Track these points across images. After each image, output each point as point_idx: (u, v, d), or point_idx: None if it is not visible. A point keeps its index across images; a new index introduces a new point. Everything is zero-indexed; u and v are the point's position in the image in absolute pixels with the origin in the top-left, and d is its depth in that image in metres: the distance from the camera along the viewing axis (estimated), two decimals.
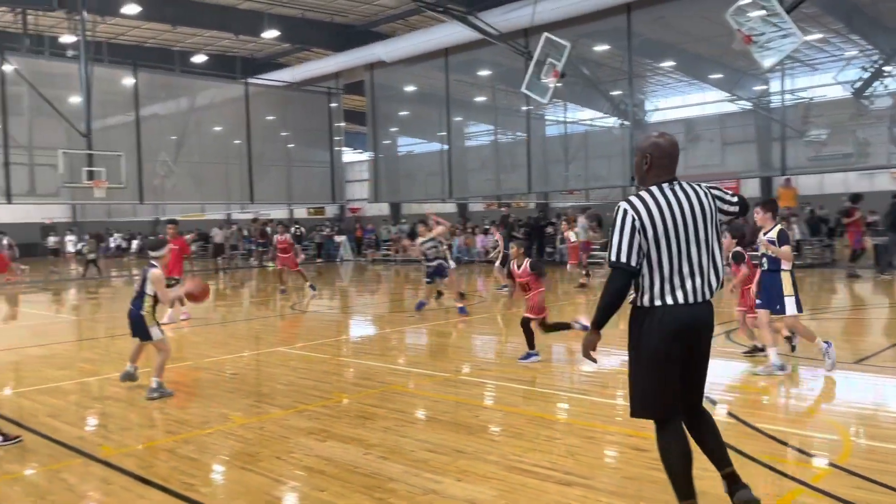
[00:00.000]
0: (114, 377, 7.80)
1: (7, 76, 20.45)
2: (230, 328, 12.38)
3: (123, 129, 23.52)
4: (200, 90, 26.33)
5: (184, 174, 24.66)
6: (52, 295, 20.17)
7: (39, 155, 20.67)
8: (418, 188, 28.76)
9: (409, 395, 6.87)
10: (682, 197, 3.48)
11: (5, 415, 6.39)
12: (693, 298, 3.46)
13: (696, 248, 3.47)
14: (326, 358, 8.88)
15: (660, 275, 3.44)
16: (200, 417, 6.13)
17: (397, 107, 28.66)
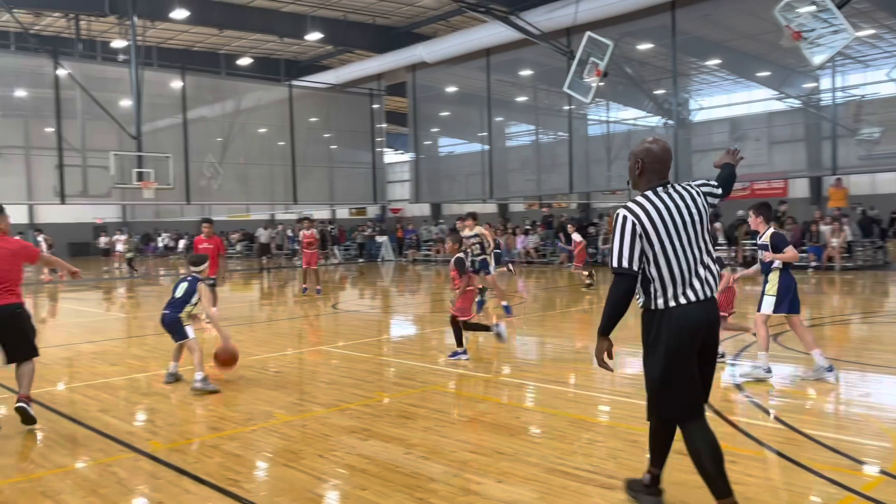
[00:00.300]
0: (161, 374, 7.98)
1: (61, 80, 21.08)
2: (274, 327, 12.56)
3: (171, 132, 24.07)
4: (246, 92, 26.80)
5: (229, 175, 25.11)
6: (102, 293, 20.71)
7: (92, 157, 21.26)
8: (459, 188, 28.76)
9: (449, 395, 6.87)
10: (677, 199, 3.58)
11: (59, 409, 6.59)
12: (703, 296, 3.55)
13: (697, 247, 3.57)
14: (367, 357, 8.94)
15: (670, 277, 3.52)
16: (245, 414, 6.23)
17: (439, 107, 28.73)
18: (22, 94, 22.12)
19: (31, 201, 26.20)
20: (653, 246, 3.51)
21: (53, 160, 20.95)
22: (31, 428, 6.02)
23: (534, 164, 25.06)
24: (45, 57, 21.05)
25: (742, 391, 6.62)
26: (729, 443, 5.12)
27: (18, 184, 22.04)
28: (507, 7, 21.21)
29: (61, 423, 6.15)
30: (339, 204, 33.68)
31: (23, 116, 23.19)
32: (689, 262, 3.54)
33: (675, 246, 3.52)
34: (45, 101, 21.37)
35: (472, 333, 9.56)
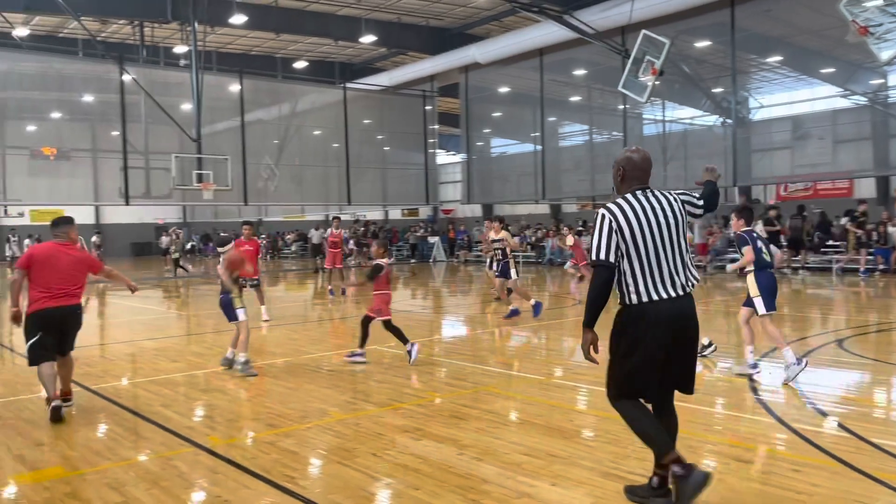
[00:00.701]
0: (219, 371, 8.17)
1: (126, 86, 21.80)
2: (327, 325, 12.72)
3: (229, 134, 24.67)
4: (301, 95, 27.26)
5: (285, 176, 25.58)
6: (162, 292, 21.32)
7: (154, 159, 21.94)
8: (511, 189, 28.68)
9: (502, 396, 6.84)
10: (654, 202, 3.87)
11: (123, 403, 6.81)
12: (675, 293, 3.80)
13: (671, 247, 3.83)
14: (419, 357, 8.97)
15: (641, 273, 3.79)
16: (300, 412, 6.32)
17: (491, 108, 28.71)
18: (89, 99, 22.96)
19: (97, 202, 27.20)
20: (626, 242, 3.79)
21: (118, 163, 21.68)
22: (96, 421, 6.24)
23: (587, 164, 24.82)
24: (111, 63, 21.78)
25: (805, 397, 6.41)
26: (792, 450, 4.97)
27: (85, 185, 22.92)
28: (561, 6, 21.05)
29: (125, 417, 6.35)
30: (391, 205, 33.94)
31: (89, 121, 24.10)
32: (660, 260, 3.80)
33: (647, 244, 3.79)
34: (111, 105, 22.15)
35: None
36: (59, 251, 6.49)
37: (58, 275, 6.38)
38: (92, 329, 13.10)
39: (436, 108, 29.87)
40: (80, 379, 7.92)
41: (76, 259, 6.54)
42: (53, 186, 22.39)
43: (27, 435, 5.87)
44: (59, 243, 6.57)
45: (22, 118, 22.77)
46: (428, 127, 29.05)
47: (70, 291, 6.45)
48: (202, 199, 22.02)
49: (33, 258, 6.44)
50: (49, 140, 22.30)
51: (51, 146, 22.02)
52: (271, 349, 10.01)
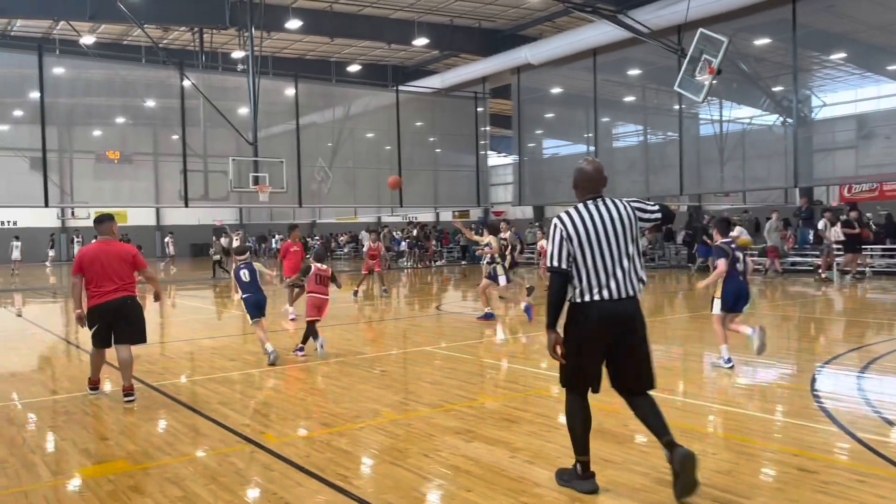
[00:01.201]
0: (275, 370, 8.33)
1: (186, 91, 22.40)
2: (379, 327, 12.84)
3: (284, 137, 25.09)
4: (354, 98, 27.56)
5: (338, 179, 25.89)
6: (219, 292, 21.81)
7: (212, 162, 22.48)
8: (563, 190, 28.39)
9: (553, 399, 6.78)
10: (602, 210, 4.21)
11: (182, 400, 7.00)
12: (616, 295, 4.11)
13: (618, 252, 4.14)
14: (471, 359, 8.97)
15: (587, 275, 4.13)
16: (353, 412, 6.39)
17: (543, 109, 28.54)
18: (151, 104, 23.67)
19: (158, 204, 28.02)
20: (575, 248, 4.15)
21: (178, 165, 22.28)
22: (156, 417, 6.43)
23: (642, 165, 24.45)
24: (172, 69, 22.42)
25: (871, 406, 6.18)
26: (856, 460, 4.80)
27: (147, 188, 23.62)
28: (615, 6, 20.79)
29: (185, 414, 6.52)
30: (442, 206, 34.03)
31: (151, 125, 24.84)
32: (605, 264, 4.13)
33: (593, 249, 4.13)
34: (172, 110, 22.78)
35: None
36: (102, 250, 6.93)
37: (105, 272, 6.84)
38: (153, 327, 13.49)
39: (487, 109, 29.84)
40: (142, 376, 8.17)
41: (114, 254, 6.93)
42: (117, 189, 23.14)
43: (93, 429, 6.08)
44: (102, 242, 7.03)
45: (88, 123, 23.57)
46: (480, 128, 29.03)
47: (119, 286, 6.88)
48: (258, 201, 22.45)
49: (83, 262, 6.93)
50: (113, 144, 23.05)
51: (115, 150, 22.77)
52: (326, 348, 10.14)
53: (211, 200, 23.25)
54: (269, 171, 22.29)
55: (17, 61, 20.92)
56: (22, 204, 22.29)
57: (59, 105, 21.59)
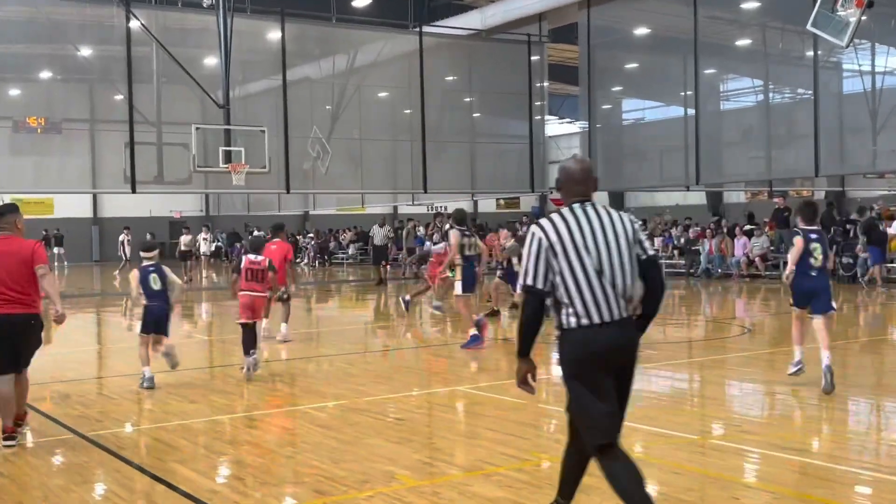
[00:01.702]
0: (252, 416, 8.39)
1: (133, 34, 22.62)
2: (395, 358, 12.86)
3: (266, 98, 25.30)
4: (362, 44, 27.63)
5: (340, 155, 25.96)
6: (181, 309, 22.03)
7: (169, 132, 22.71)
8: (650, 170, 28.26)
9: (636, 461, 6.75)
10: (593, 218, 4.54)
11: (127, 456, 7.10)
12: (609, 317, 4.46)
13: (610, 266, 4.47)
14: (521, 404, 8.94)
15: (578, 295, 4.45)
16: (358, 474, 6.42)
17: (623, 57, 28.37)
18: (86, 53, 24.02)
19: (96, 189, 28.43)
20: (560, 263, 4.45)
21: (123, 137, 22.57)
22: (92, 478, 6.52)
23: (761, 135, 24.17)
24: (114, 5, 22.69)
25: None
26: None
27: (81, 167, 23.97)
28: None
29: (129, 474, 6.60)
30: (483, 192, 34.02)
31: (87, 82, 25.23)
32: (601, 281, 4.44)
33: (583, 262, 4.44)
34: (114, 61, 23.10)
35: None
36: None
37: (7, 277, 7.29)
38: (88, 356, 13.72)
39: (546, 58, 29.75)
40: (74, 423, 8.30)
41: (13, 253, 7.34)
42: (41, 168, 23.53)
43: (8, 495, 6.19)
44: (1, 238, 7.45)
45: (3, 79, 24.03)
46: (534, 85, 28.97)
47: (13, 298, 7.30)
48: (231, 185, 22.65)
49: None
50: (36, 108, 23.46)
51: (38, 116, 23.18)
52: (320, 388, 10.21)
53: (167, 184, 23.52)
54: (245, 145, 22.50)
55: None
56: None
57: None
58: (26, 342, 7.51)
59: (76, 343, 15.63)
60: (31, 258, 7.38)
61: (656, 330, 15.61)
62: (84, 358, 13.58)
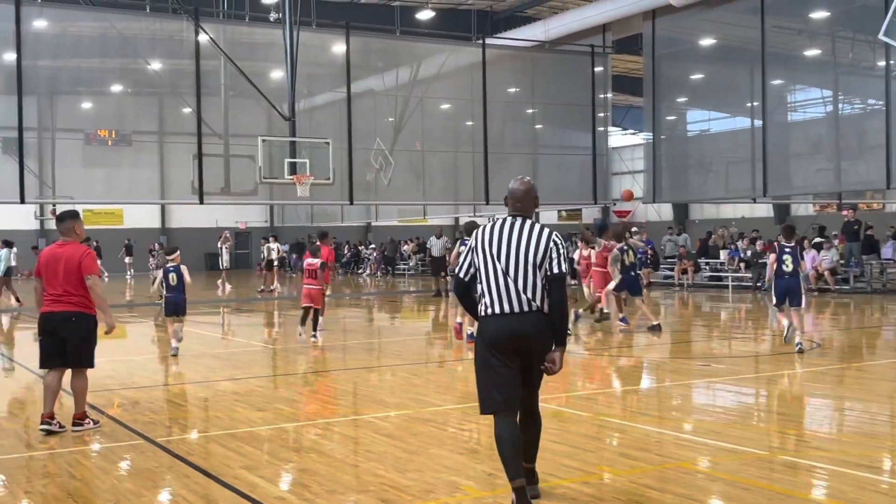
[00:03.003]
0: (318, 425, 8.49)
1: (202, 48, 23.03)
2: (459, 370, 12.89)
3: (330, 111, 25.56)
4: (425, 56, 27.80)
5: (401, 166, 26.13)
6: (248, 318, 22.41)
7: (235, 144, 23.07)
8: (716, 182, 27.92)
9: (702, 476, 6.70)
10: (515, 229, 5.65)
11: (195, 462, 7.24)
12: (510, 309, 5.53)
13: (516, 269, 5.55)
14: (585, 417, 8.92)
15: (488, 289, 5.61)
16: (423, 484, 6.46)
17: (688, 68, 28.12)
18: (156, 66, 24.53)
19: (165, 199, 29.02)
20: (478, 261, 5.68)
21: (191, 148, 22.96)
22: (161, 483, 6.67)
23: (830, 146, 23.75)
24: (184, 20, 23.17)
25: None
26: None
27: (150, 178, 24.46)
28: None
29: (197, 480, 6.73)
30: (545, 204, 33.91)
31: (156, 95, 25.74)
32: (508, 278, 5.55)
33: (495, 263, 5.58)
34: (183, 74, 23.54)
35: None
36: (56, 253, 8.32)
37: (54, 278, 8.21)
38: (156, 364, 14.02)
39: (609, 69, 29.62)
40: (144, 429, 8.49)
41: (67, 258, 8.22)
42: (111, 179, 24.07)
43: (80, 498, 6.36)
44: (60, 243, 8.44)
45: (76, 92, 24.64)
46: (598, 96, 28.84)
47: (63, 294, 8.18)
48: (295, 196, 22.89)
49: (39, 262, 8.44)
50: (107, 120, 24.01)
51: (108, 128, 23.72)
52: (383, 397, 10.29)
53: (233, 195, 23.86)
54: (310, 156, 22.73)
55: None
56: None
57: (40, 69, 22.68)
58: (70, 337, 8.24)
59: (146, 350, 16.01)
60: (79, 266, 8.19)
61: (722, 344, 15.49)
62: (153, 365, 13.87)
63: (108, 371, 11.87)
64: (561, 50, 29.10)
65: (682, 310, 19.77)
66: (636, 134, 45.85)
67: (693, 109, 29.82)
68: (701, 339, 16.41)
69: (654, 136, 28.16)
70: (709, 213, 45.80)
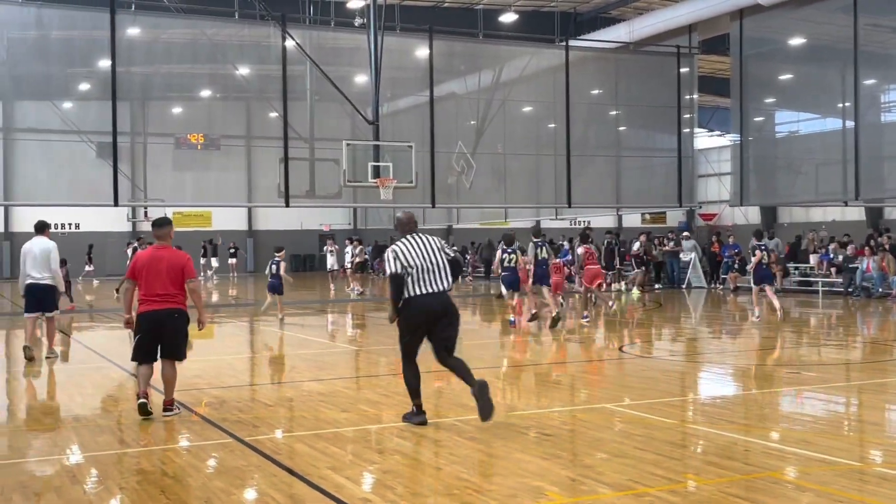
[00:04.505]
0: (399, 425, 8.57)
1: (288, 54, 23.45)
2: (538, 372, 12.86)
3: (413, 114, 25.77)
4: (508, 59, 27.83)
5: (483, 169, 26.17)
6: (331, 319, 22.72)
7: (320, 148, 23.43)
8: (805, 185, 27.37)
9: (791, 486, 6.58)
10: (419, 240, 8.57)
11: (281, 461, 7.37)
12: (432, 289, 8.42)
13: (431, 265, 8.45)
14: (670, 423, 8.82)
15: (412, 280, 8.38)
16: (507, 489, 6.46)
17: (777, 68, 27.64)
18: (244, 72, 25.05)
19: (252, 203, 29.60)
20: (407, 262, 8.39)
21: (277, 153, 23.40)
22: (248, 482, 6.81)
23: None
24: (271, 25, 23.62)
25: None
26: None
27: (238, 181, 25.01)
28: None
29: (284, 479, 6.86)
30: (628, 207, 33.64)
31: (244, 100, 26.31)
32: (426, 272, 8.42)
33: (417, 262, 8.40)
34: (270, 80, 24.03)
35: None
36: (156, 256, 9.14)
37: (156, 279, 9.01)
38: (243, 364, 14.30)
39: (696, 70, 29.22)
40: (233, 428, 8.67)
41: (169, 261, 9.11)
42: (200, 182, 24.68)
43: (172, 495, 6.53)
44: (158, 247, 9.30)
45: (166, 98, 25.33)
46: (684, 97, 28.46)
47: (166, 295, 9.02)
48: (378, 199, 23.14)
49: (136, 266, 9.19)
50: (196, 125, 24.61)
51: (198, 132, 24.31)
52: (466, 401, 10.31)
53: (318, 198, 24.23)
54: (393, 160, 22.96)
55: (86, 21, 22.79)
56: (88, 202, 24.26)
57: (133, 76, 23.37)
58: (169, 332, 9.11)
59: (234, 350, 16.37)
60: (183, 271, 9.12)
61: (812, 351, 15.13)
62: (240, 365, 14.16)
63: (196, 371, 12.16)
64: (646, 51, 28.83)
65: (770, 315, 19.35)
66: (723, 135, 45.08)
67: (782, 110, 29.31)
68: (789, 346, 16.06)
69: (741, 138, 27.74)
70: (798, 216, 44.77)
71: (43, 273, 13.12)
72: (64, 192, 22.69)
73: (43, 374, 13.04)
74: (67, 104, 23.26)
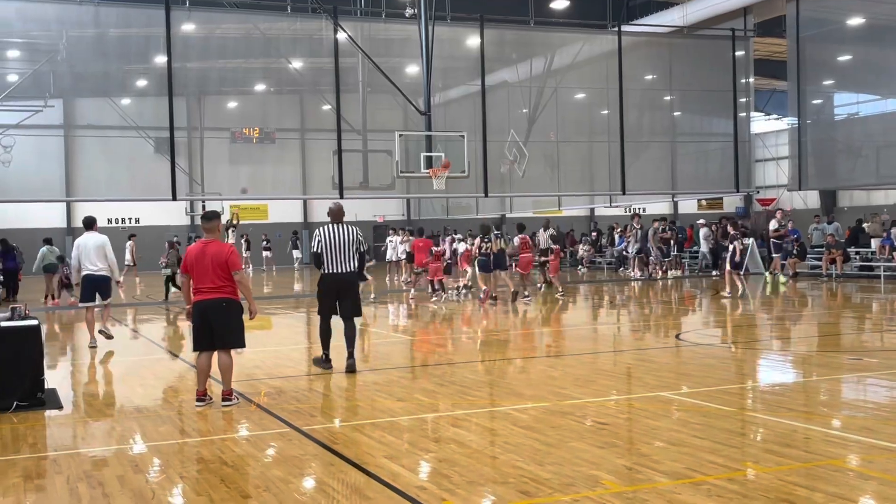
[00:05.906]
0: (455, 414, 8.59)
1: (340, 46, 23.60)
2: (596, 361, 12.80)
3: (465, 104, 25.75)
4: (560, 46, 27.68)
5: (535, 157, 26.08)
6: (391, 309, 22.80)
7: (373, 139, 23.56)
8: (865, 168, 26.87)
9: (853, 474, 6.46)
10: (337, 228, 11.34)
11: (339, 450, 7.44)
12: (339, 270, 11.29)
13: (342, 249, 11.27)
14: (728, 411, 8.73)
15: (326, 259, 11.27)
16: (563, 477, 6.44)
17: (835, 50, 27.11)
18: (297, 65, 25.25)
19: (307, 195, 29.84)
20: (323, 245, 11.27)
21: (331, 145, 23.60)
22: (306, 471, 6.88)
23: None
24: (323, 18, 23.78)
25: None
26: None
27: (293, 174, 25.25)
28: None
29: (341, 468, 6.92)
30: (684, 193, 33.23)
31: (297, 93, 26.54)
32: (337, 253, 11.25)
33: (331, 246, 11.24)
34: (322, 72, 24.20)
35: None
36: (203, 250, 9.42)
37: (204, 272, 9.36)
38: (300, 354, 14.47)
39: (751, 53, 28.77)
40: (290, 417, 8.77)
41: (214, 254, 9.37)
42: (256, 175, 24.98)
43: (231, 484, 6.63)
44: (205, 241, 9.56)
45: (222, 92, 25.69)
46: (739, 80, 28.05)
47: (214, 286, 9.33)
48: (431, 189, 23.18)
49: (188, 260, 9.53)
50: (251, 118, 24.92)
51: (252, 126, 24.60)
52: (521, 389, 10.31)
53: (372, 189, 24.37)
54: (445, 150, 22.99)
55: (141, 18, 23.19)
56: (147, 197, 24.69)
57: (188, 71, 23.71)
58: (220, 321, 9.40)
59: (291, 341, 16.56)
60: (227, 262, 9.36)
61: (874, 337, 14.85)
62: (297, 355, 14.32)
63: (255, 361, 12.36)
64: (700, 35, 28.48)
65: (830, 301, 19.01)
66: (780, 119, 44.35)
67: (841, 92, 28.77)
68: (851, 332, 15.78)
69: (799, 121, 27.28)
70: (859, 199, 43.95)
71: (98, 264, 14.19)
72: (123, 188, 23.15)
73: (106, 366, 13.33)
74: (125, 100, 23.70)
